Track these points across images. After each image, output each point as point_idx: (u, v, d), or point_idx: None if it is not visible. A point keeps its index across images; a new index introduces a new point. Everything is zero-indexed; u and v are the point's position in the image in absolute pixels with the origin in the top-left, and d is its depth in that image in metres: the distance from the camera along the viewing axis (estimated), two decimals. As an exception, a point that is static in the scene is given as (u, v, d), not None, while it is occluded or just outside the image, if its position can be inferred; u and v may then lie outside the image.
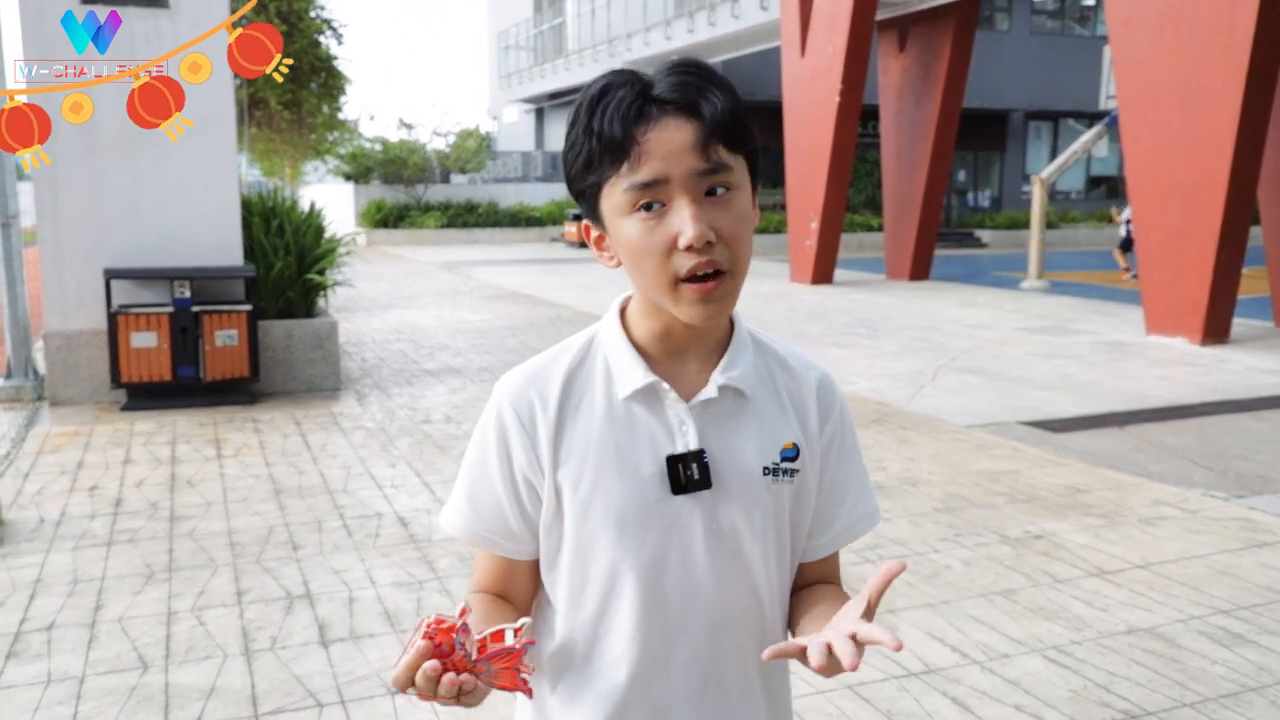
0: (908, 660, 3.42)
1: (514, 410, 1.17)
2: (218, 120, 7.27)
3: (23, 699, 3.17)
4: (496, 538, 1.20)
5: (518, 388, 1.18)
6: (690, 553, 1.15)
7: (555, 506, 1.16)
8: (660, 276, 1.07)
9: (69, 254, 7.04)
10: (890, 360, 9.33)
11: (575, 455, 1.14)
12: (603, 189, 1.08)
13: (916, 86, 16.55)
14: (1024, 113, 29.24)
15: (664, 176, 1.03)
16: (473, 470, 1.21)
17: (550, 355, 1.20)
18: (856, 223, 25.24)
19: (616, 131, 1.03)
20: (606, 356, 1.17)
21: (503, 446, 1.17)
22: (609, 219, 1.10)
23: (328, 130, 21.12)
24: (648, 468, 1.13)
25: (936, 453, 6.07)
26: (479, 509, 1.20)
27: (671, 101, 1.04)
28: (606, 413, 1.15)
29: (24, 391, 7.20)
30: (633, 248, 1.07)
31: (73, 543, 4.47)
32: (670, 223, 1.05)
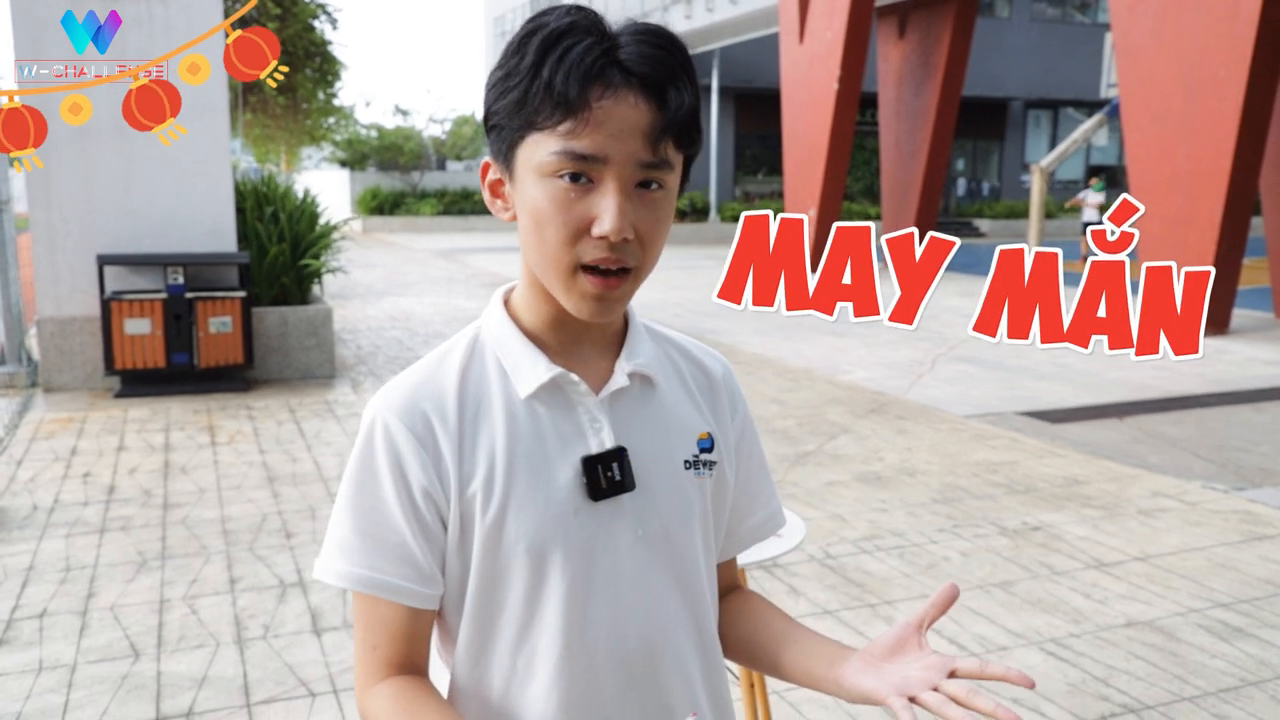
0: (905, 652, 3.39)
1: (405, 425, 0.99)
2: (211, 106, 7.21)
3: (14, 687, 3.14)
4: (403, 581, 0.98)
5: (404, 400, 1.00)
6: (617, 566, 1.02)
7: (459, 533, 1.00)
8: (561, 255, 0.95)
9: (62, 240, 6.98)
10: (888, 349, 9.30)
11: (481, 470, 0.99)
12: (527, 136, 0.94)
13: (916, 74, 16.49)
14: (1024, 101, 29.16)
15: (603, 155, 0.92)
16: (360, 504, 1.00)
17: (434, 360, 1.05)
18: (854, 211, 25.19)
19: (571, 89, 0.90)
20: (497, 354, 1.03)
21: (396, 469, 0.98)
22: (521, 170, 0.96)
23: (323, 116, 21.03)
24: (562, 474, 1.00)
25: (934, 443, 6.05)
26: (376, 549, 0.98)
27: (637, 74, 0.92)
28: (508, 417, 1.01)
29: (17, 378, 7.16)
30: (540, 214, 0.94)
31: (65, 530, 4.44)
32: (591, 204, 0.93)
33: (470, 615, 1.02)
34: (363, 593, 0.99)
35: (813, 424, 6.46)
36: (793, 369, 8.36)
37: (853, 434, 6.22)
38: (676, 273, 16.37)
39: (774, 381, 7.82)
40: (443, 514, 1.00)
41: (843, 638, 3.49)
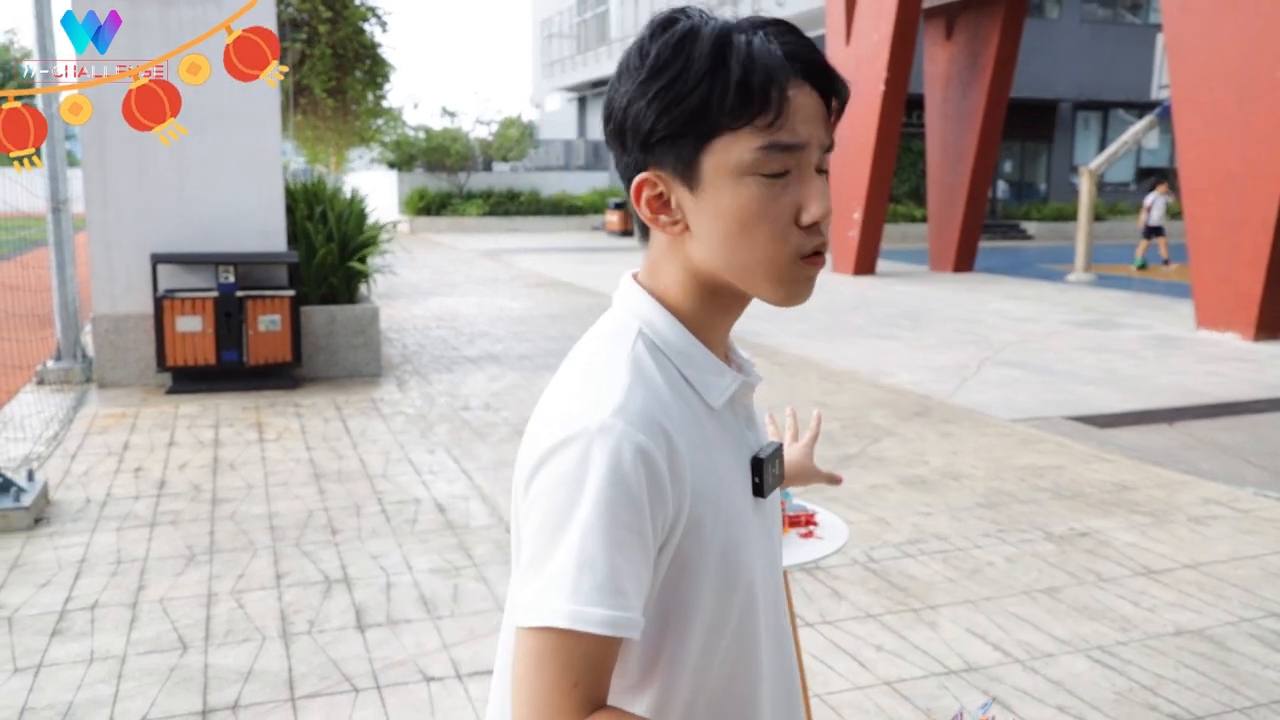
0: (947, 657, 3.36)
1: (654, 443, 0.90)
2: (262, 107, 7.33)
3: (66, 677, 3.21)
4: (640, 617, 0.90)
5: (643, 414, 0.91)
6: (774, 563, 1.07)
7: (674, 553, 0.94)
8: (777, 250, 0.94)
9: (117, 239, 7.14)
10: (933, 352, 9.21)
11: (705, 484, 0.95)
12: (716, 140, 0.92)
13: (963, 75, 16.31)
14: (1073, 103, 28.71)
15: (804, 143, 0.92)
16: (617, 540, 0.87)
17: (631, 368, 0.95)
18: (900, 213, 24.96)
19: (771, 84, 0.90)
20: (676, 362, 0.98)
21: (655, 492, 0.89)
22: (712, 176, 0.93)
23: (371, 118, 21.26)
24: (743, 477, 1.01)
25: (979, 447, 5.98)
26: (626, 592, 0.88)
27: (805, 63, 0.93)
28: (708, 426, 0.98)
29: (73, 373, 7.32)
30: (747, 214, 0.93)
31: (117, 523, 4.54)
32: (794, 194, 0.93)
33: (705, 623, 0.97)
34: (608, 635, 0.87)
35: (856, 427, 6.42)
36: (836, 371, 8.30)
37: (897, 437, 6.17)
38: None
39: (817, 384, 7.78)
40: (667, 536, 0.93)
41: (885, 642, 3.47)
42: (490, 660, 3.32)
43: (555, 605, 0.86)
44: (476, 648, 3.40)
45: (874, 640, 3.49)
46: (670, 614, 0.95)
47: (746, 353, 1.10)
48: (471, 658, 3.33)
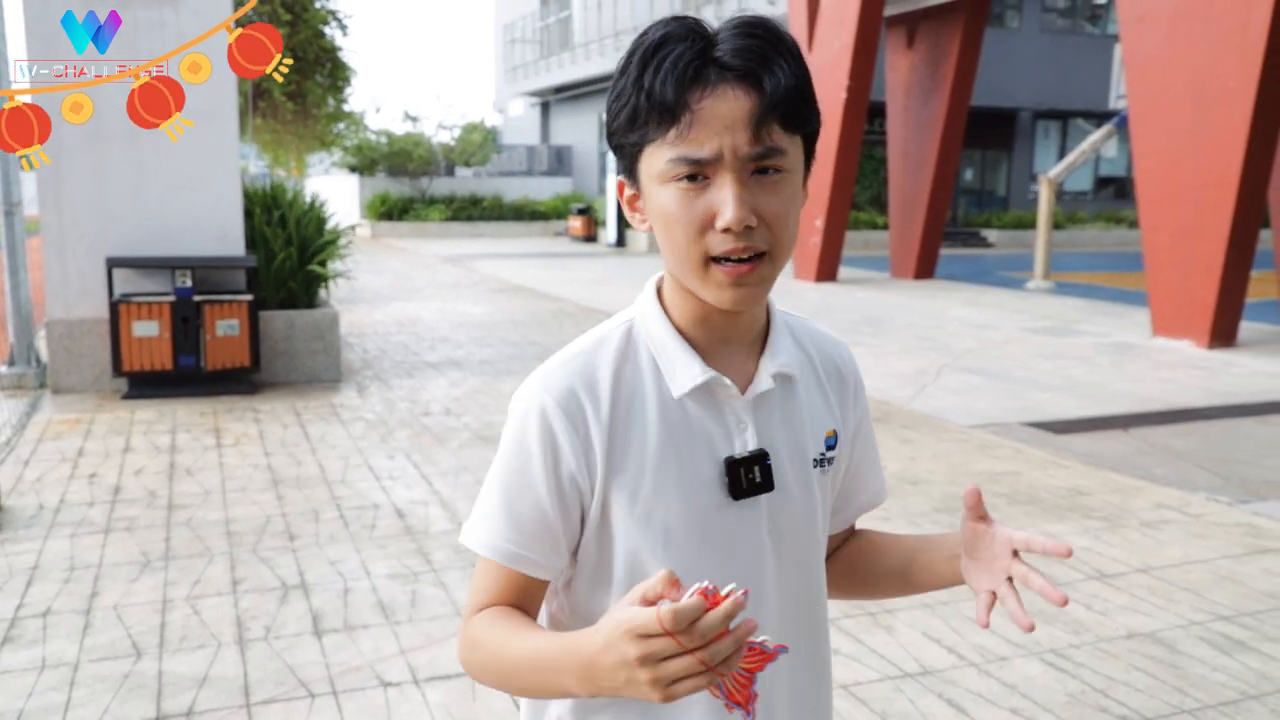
0: (903, 661, 3.40)
1: (561, 409, 1.02)
2: (220, 111, 7.26)
3: (17, 684, 3.16)
4: (537, 556, 1.04)
5: (561, 383, 1.03)
6: (752, 561, 1.07)
7: (601, 520, 1.04)
8: (691, 251, 0.98)
9: (72, 242, 7.03)
10: (894, 359, 9.30)
11: (632, 462, 1.02)
12: (644, 150, 0.99)
13: (924, 84, 16.50)
14: (1033, 112, 29.15)
15: (713, 154, 0.95)
16: (511, 480, 1.04)
17: (590, 345, 1.07)
18: (861, 220, 25.18)
19: (669, 94, 0.94)
20: (652, 349, 1.06)
21: (548, 451, 1.02)
22: (645, 182, 1.01)
23: (333, 122, 21.11)
24: (706, 472, 1.04)
25: (938, 452, 6.05)
26: (521, 526, 1.03)
27: (732, 68, 0.95)
28: (661, 413, 1.04)
29: (26, 379, 7.20)
30: (666, 217, 0.99)
31: (71, 529, 4.47)
32: (711, 198, 0.97)
33: (617, 596, 1.05)
34: (500, 564, 1.04)
35: (816, 432, 6.46)
36: (798, 377, 8.35)
37: (856, 443, 6.21)
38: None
39: (779, 390, 7.83)
40: (584, 499, 1.04)
41: (841, 646, 3.50)
42: (447, 666, 3.31)
43: (465, 527, 1.07)
44: (434, 653, 3.39)
45: (830, 643, 3.51)
46: (594, 579, 1.06)
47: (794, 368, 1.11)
48: (429, 663, 3.32)
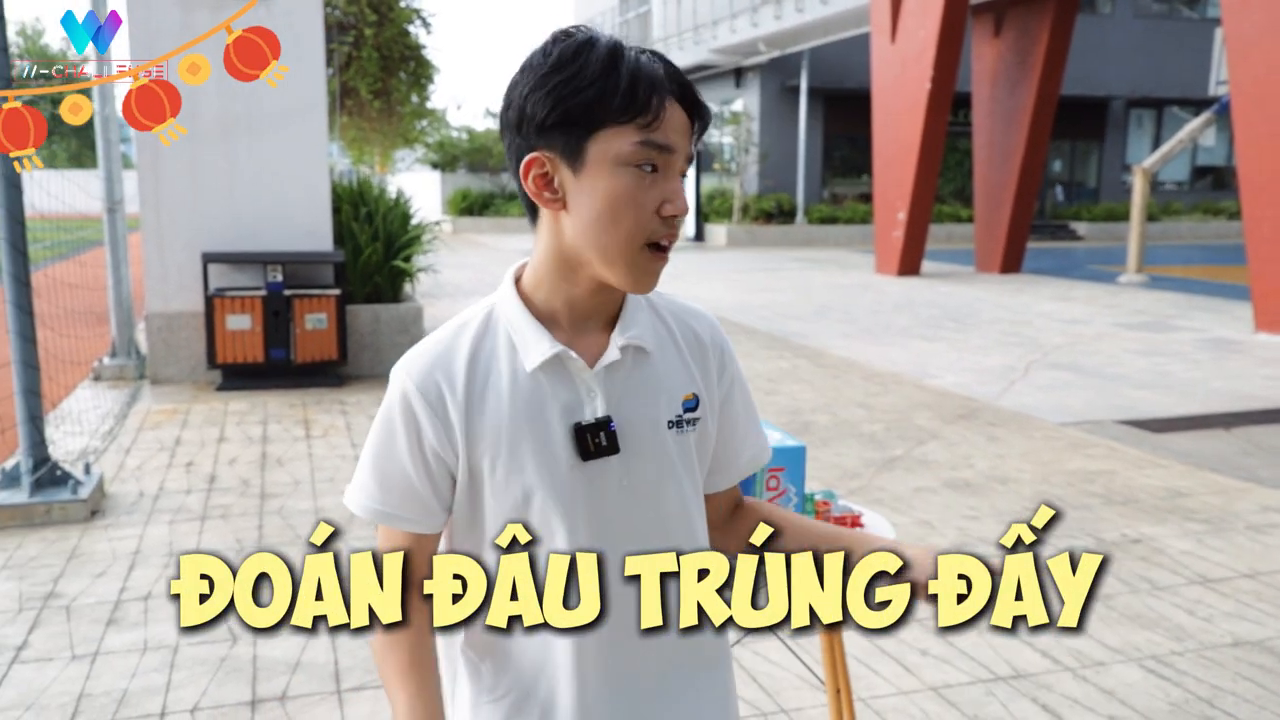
0: (995, 663, 3.31)
1: (420, 393, 1.17)
2: (310, 108, 7.43)
3: (121, 665, 3.28)
4: (407, 514, 1.20)
5: (422, 369, 1.17)
6: (604, 513, 1.19)
7: (468, 484, 1.19)
8: (635, 234, 1.12)
9: (170, 238, 7.26)
10: (978, 355, 9.10)
11: (488, 433, 1.16)
12: (602, 131, 1.09)
13: (1012, 73, 16.08)
14: (1126, 100, 28.20)
15: (674, 146, 1.11)
16: (380, 452, 1.20)
17: (450, 332, 1.21)
18: (945, 213, 24.68)
19: (651, 89, 1.08)
20: (508, 329, 1.19)
21: (411, 429, 1.17)
22: (594, 161, 1.10)
23: (416, 119, 21.43)
24: (558, 437, 1.17)
25: (1027, 451, 5.89)
26: (389, 490, 1.19)
27: (683, 86, 1.13)
28: (513, 386, 1.17)
29: (127, 370, 7.47)
30: (615, 199, 1.10)
31: (169, 516, 4.62)
32: (662, 188, 1.12)
33: (489, 545, 1.20)
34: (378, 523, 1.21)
35: (900, 429, 6.35)
36: (880, 373, 8.23)
37: (941, 440, 6.09)
38: (761, 275, 16.27)
39: (860, 385, 7.72)
40: (451, 468, 1.18)
41: (930, 647, 3.42)
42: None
43: (347, 491, 1.23)
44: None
45: (919, 645, 3.44)
46: (475, 534, 1.21)
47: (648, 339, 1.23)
48: (515, 655, 3.34)
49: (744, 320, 11.08)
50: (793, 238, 23.50)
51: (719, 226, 23.67)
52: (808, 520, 1.39)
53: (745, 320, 11.09)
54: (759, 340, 9.76)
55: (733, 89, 26.59)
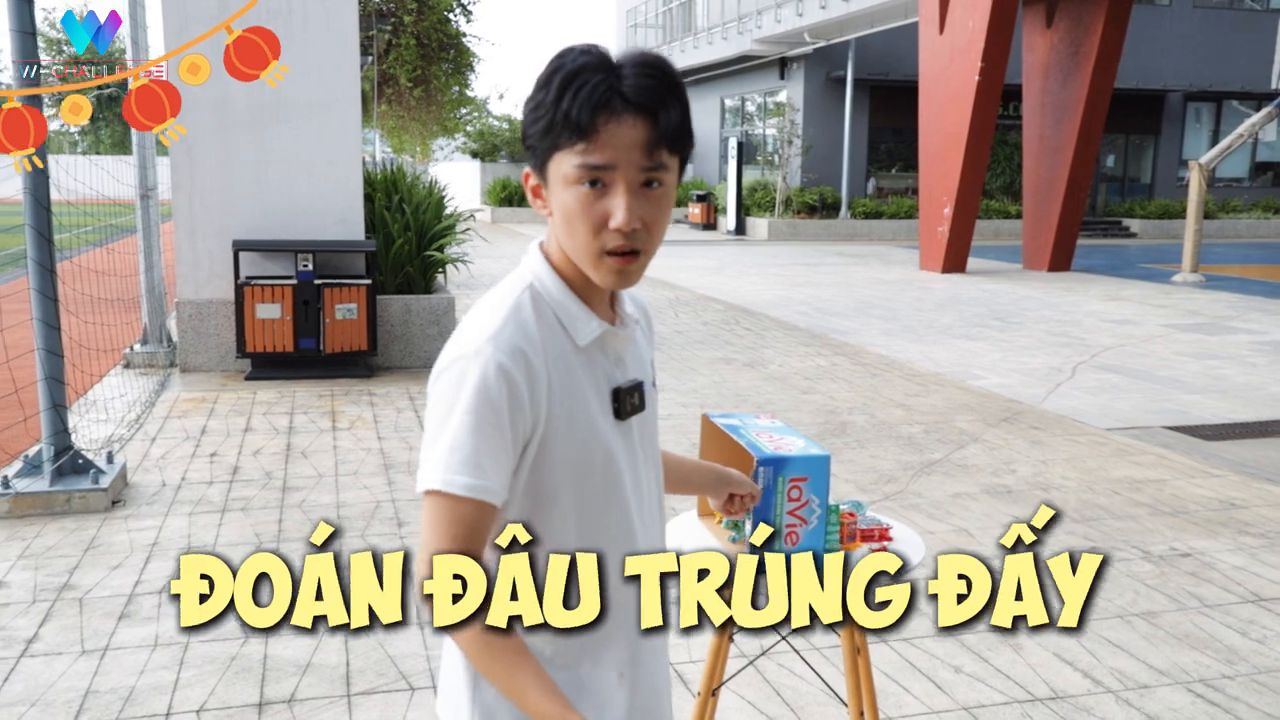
0: (1032, 684, 3.14)
1: (515, 365, 1.22)
2: (342, 96, 7.37)
3: (130, 660, 3.22)
4: (500, 486, 1.23)
5: (510, 343, 1.23)
6: (635, 466, 1.36)
7: (537, 453, 1.26)
8: (589, 245, 1.23)
9: (201, 226, 7.25)
10: (1024, 355, 8.84)
11: (563, 402, 1.26)
12: (555, 155, 1.22)
13: (1064, 65, 15.68)
14: (1183, 93, 27.49)
15: (612, 164, 1.19)
16: (481, 430, 1.21)
17: (511, 309, 1.27)
18: (993, 209, 24.22)
19: (584, 118, 1.17)
20: (553, 308, 1.29)
21: (512, 401, 1.21)
22: (553, 180, 1.24)
23: (456, 108, 21.42)
24: (603, 402, 1.31)
25: (1072, 456, 5.67)
26: (489, 464, 1.22)
27: (634, 102, 1.19)
28: (574, 360, 1.28)
29: (158, 358, 7.48)
30: (569, 214, 1.22)
31: (190, 508, 4.57)
32: (607, 203, 1.21)
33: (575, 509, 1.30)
34: (475, 499, 1.20)
35: (940, 431, 6.16)
36: (921, 373, 8.02)
37: (983, 443, 5.89)
38: (802, 269, 16.05)
39: (900, 385, 7.52)
40: (528, 436, 1.25)
41: (964, 664, 3.26)
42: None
43: (434, 474, 1.21)
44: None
45: (953, 661, 3.29)
46: (537, 495, 1.28)
47: (635, 312, 1.42)
48: (529, 662, 3.23)
49: (782, 316, 10.89)
50: (835, 232, 23.19)
51: (760, 220, 23.42)
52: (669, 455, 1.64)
53: (784, 316, 10.90)
54: (797, 337, 9.58)
55: (776, 80, 26.30)
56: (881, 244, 21.89)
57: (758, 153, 27.22)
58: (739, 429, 2.15)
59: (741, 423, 2.21)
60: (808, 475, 2.08)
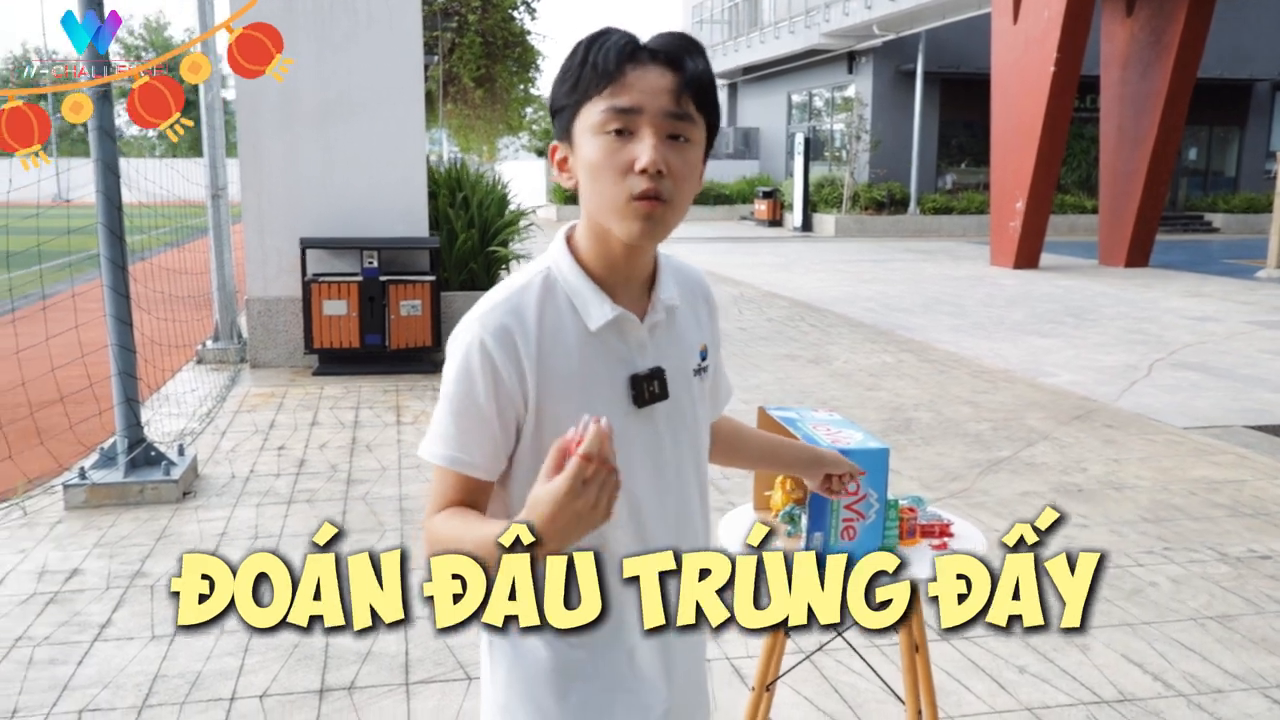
0: (1100, 686, 3.05)
1: (496, 340, 1.24)
2: (406, 94, 7.46)
3: (197, 646, 3.29)
4: (480, 459, 1.27)
5: (495, 319, 1.25)
6: (659, 453, 1.35)
7: (534, 434, 1.27)
8: (614, 192, 1.21)
9: (270, 224, 7.40)
10: (1098, 352, 8.60)
11: (558, 383, 1.26)
12: (582, 108, 1.22)
13: (1144, 55, 15.22)
14: (1272, 83, 26.50)
15: (639, 106, 1.19)
16: (458, 401, 1.26)
17: (515, 289, 1.28)
18: (1068, 203, 23.63)
19: (610, 63, 1.19)
20: (568, 292, 1.29)
21: (489, 374, 1.24)
22: (579, 136, 1.23)
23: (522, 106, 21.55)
24: (618, 388, 1.30)
25: (1147, 455, 5.49)
26: (466, 436, 1.26)
27: (660, 51, 1.21)
28: (579, 343, 1.28)
29: (229, 354, 7.66)
30: (595, 163, 1.21)
31: (257, 499, 4.67)
32: (633, 149, 1.20)
33: None
34: (450, 469, 1.27)
35: (1009, 429, 6.02)
36: (990, 369, 7.85)
37: (1053, 441, 5.74)
38: (870, 266, 15.84)
39: (968, 382, 7.37)
40: (520, 416, 1.27)
41: (1029, 664, 3.18)
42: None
43: (423, 444, 1.30)
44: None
45: (1017, 661, 3.20)
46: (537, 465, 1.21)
47: (679, 299, 1.38)
48: (583, 655, 3.23)
49: (848, 312, 10.76)
50: (904, 228, 22.85)
51: (827, 216, 23.18)
52: (758, 432, 1.72)
53: (850, 312, 10.77)
54: (863, 333, 9.45)
55: (844, 74, 26.00)
56: (951, 240, 21.50)
57: (825, 148, 26.94)
58: (796, 422, 2.11)
59: (799, 415, 2.17)
60: (865, 469, 2.04)
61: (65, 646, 3.29)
